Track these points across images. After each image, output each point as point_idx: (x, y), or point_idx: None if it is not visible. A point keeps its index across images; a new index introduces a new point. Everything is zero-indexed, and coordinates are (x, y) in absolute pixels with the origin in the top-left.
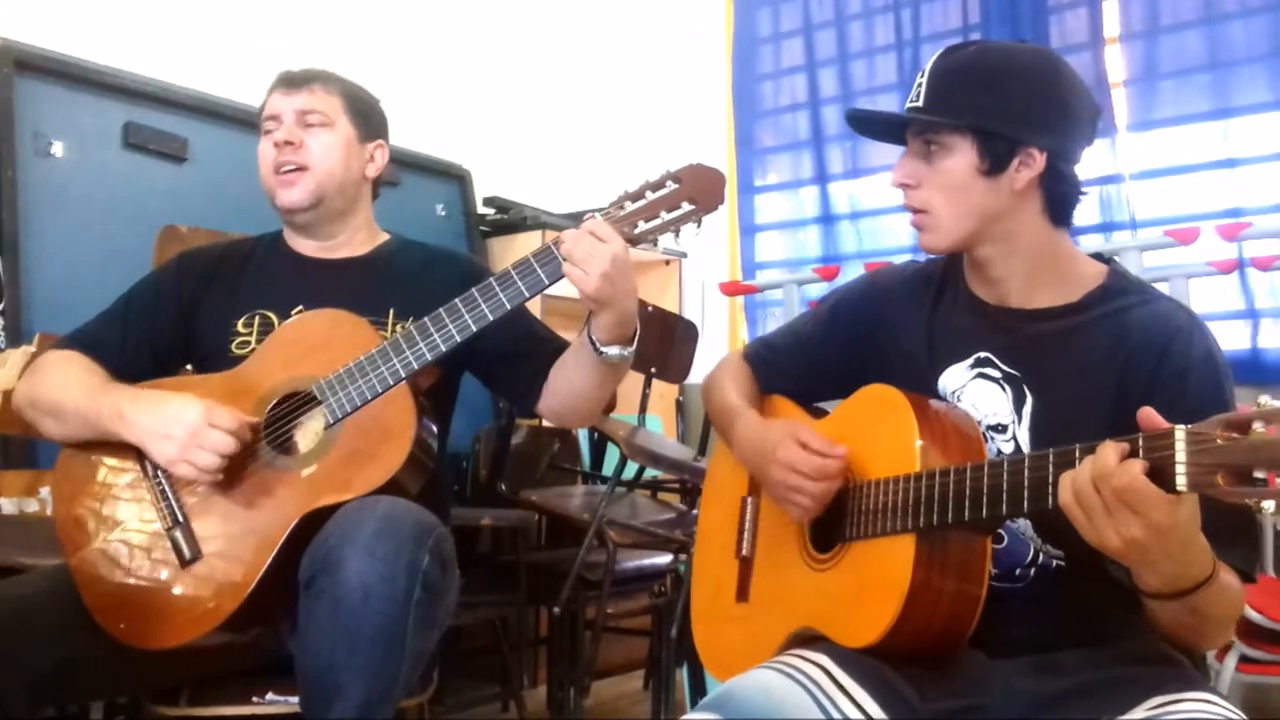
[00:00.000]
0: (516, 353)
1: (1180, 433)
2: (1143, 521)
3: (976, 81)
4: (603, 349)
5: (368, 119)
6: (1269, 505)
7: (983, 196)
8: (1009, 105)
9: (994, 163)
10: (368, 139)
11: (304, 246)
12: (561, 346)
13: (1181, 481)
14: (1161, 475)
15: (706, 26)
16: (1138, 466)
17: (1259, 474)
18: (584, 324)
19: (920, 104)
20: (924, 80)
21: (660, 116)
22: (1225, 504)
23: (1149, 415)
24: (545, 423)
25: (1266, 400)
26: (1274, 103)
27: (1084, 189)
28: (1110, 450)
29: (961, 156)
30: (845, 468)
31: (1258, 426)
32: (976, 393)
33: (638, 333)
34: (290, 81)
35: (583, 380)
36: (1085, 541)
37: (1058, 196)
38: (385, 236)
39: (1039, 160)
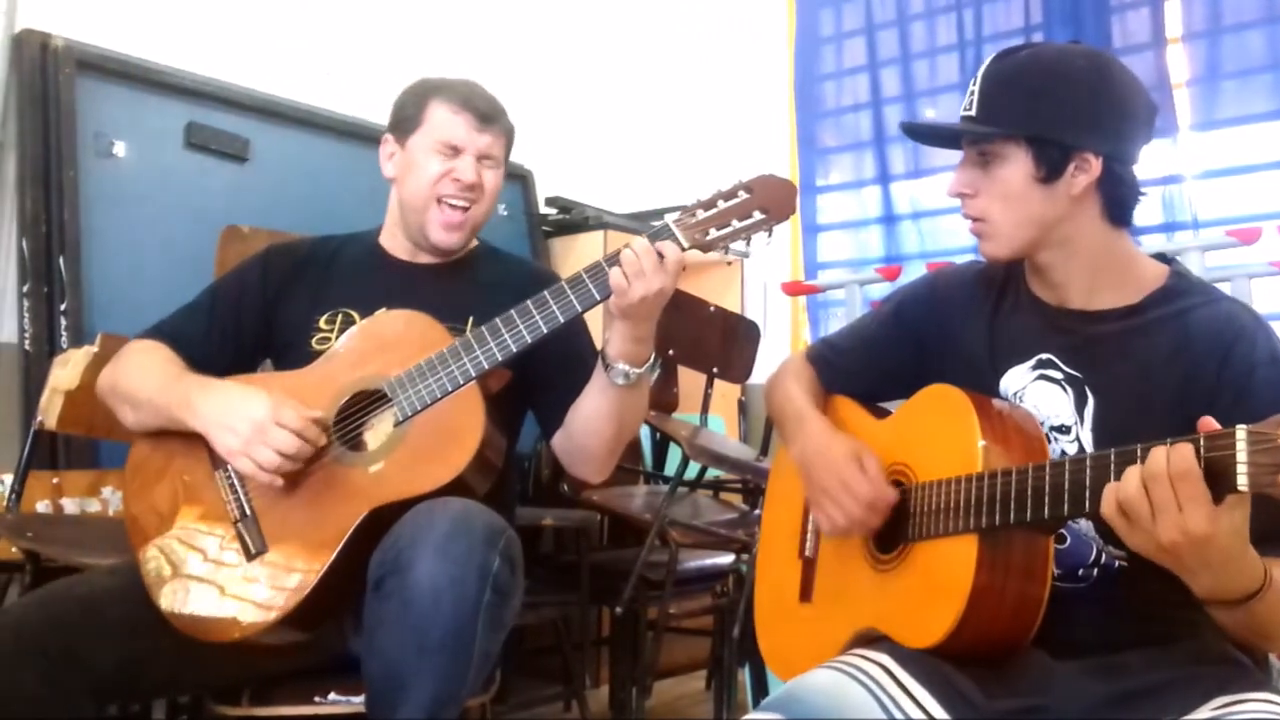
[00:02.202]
0: (554, 373)
1: (1241, 432)
2: (1181, 525)
3: (1029, 88)
4: (610, 364)
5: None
6: None
7: (1040, 204)
8: (1062, 111)
9: (1050, 170)
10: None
11: (399, 250)
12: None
13: (1242, 481)
14: (1222, 475)
15: (769, 26)
16: (1189, 450)
17: None
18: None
19: (973, 113)
20: (976, 88)
21: (722, 116)
22: None
23: (1208, 423)
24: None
25: None
26: None
27: (1144, 190)
28: (1163, 452)
29: (1017, 165)
30: (890, 506)
31: None
32: (1039, 394)
33: (650, 364)
34: (482, 116)
35: (591, 405)
36: None
37: (1116, 199)
38: (475, 243)
39: (1095, 165)
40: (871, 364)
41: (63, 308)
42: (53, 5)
